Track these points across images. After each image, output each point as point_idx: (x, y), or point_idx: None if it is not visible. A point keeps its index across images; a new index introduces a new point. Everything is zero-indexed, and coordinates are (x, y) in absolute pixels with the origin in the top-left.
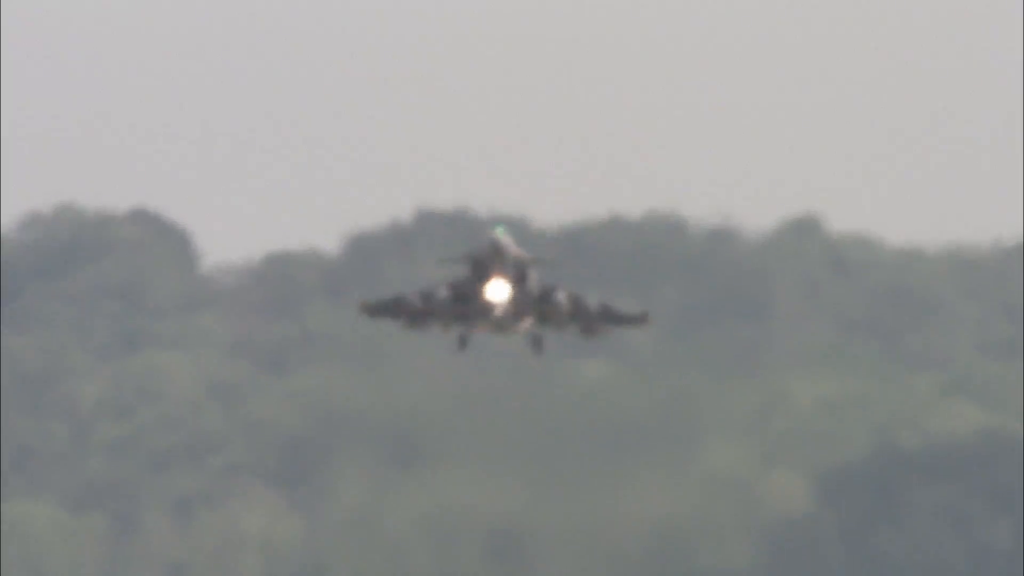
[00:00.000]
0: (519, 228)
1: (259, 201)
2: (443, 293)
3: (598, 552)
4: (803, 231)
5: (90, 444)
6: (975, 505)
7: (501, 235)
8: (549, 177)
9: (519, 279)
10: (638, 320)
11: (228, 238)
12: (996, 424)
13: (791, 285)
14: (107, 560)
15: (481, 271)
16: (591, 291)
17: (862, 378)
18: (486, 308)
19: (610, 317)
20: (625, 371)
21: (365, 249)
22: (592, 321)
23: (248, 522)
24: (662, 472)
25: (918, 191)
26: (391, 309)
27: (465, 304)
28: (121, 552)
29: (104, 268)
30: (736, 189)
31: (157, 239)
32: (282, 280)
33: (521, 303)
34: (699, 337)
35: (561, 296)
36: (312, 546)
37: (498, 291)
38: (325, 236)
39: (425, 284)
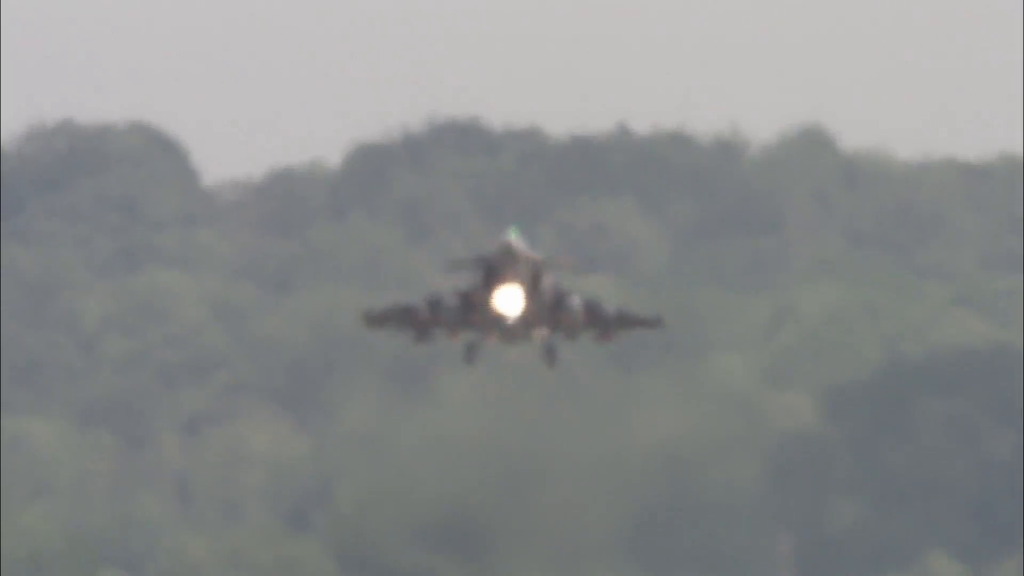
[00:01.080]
0: (529, 139)
1: (262, 114)
2: (452, 301)
3: (606, 469)
4: (811, 144)
5: (95, 360)
6: (981, 417)
7: (514, 237)
8: (559, 89)
9: (532, 284)
10: (652, 323)
11: (230, 150)
12: (1002, 337)
13: (800, 198)
14: (113, 476)
15: (492, 277)
16: (601, 203)
17: (871, 290)
18: (497, 318)
19: (625, 321)
20: (632, 285)
21: (370, 161)
22: (608, 327)
23: (253, 440)
24: (670, 388)
25: (927, 105)
26: (395, 319)
27: (475, 313)
28: (127, 468)
29: (105, 182)
30: (744, 102)
31: (157, 153)
32: (285, 197)
33: (534, 311)
34: (707, 250)
35: (576, 302)
36: (317, 464)
37: (510, 299)
38: (330, 148)
39: (431, 292)
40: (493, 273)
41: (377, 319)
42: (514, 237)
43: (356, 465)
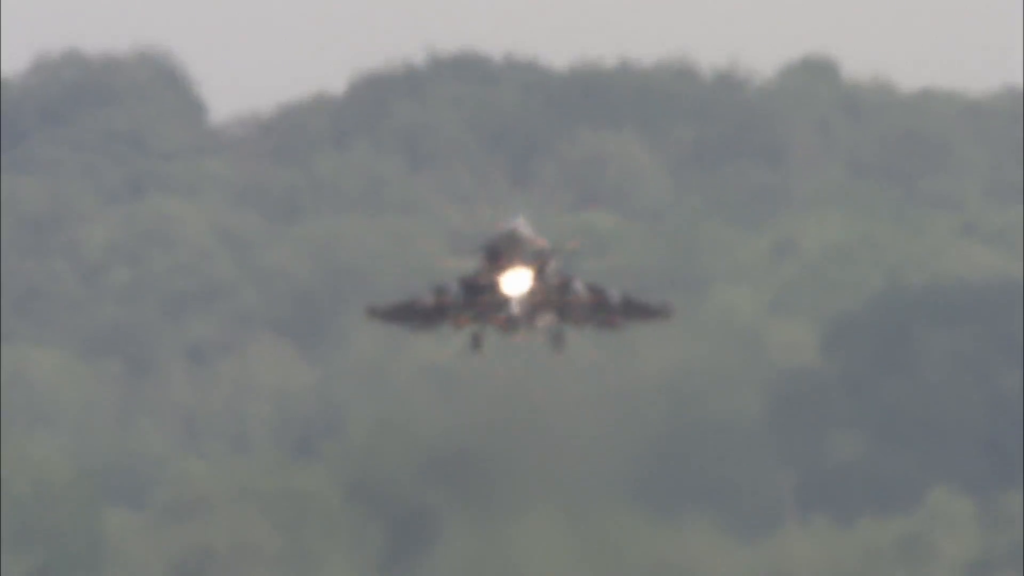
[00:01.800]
0: (531, 71)
1: (266, 45)
2: (456, 287)
3: (609, 402)
4: (815, 74)
5: (99, 289)
6: (985, 350)
7: (519, 221)
8: (560, 21)
9: (538, 269)
10: (661, 312)
11: (235, 81)
12: (1006, 268)
13: (802, 128)
14: (118, 406)
15: (497, 261)
16: (601, 136)
17: (873, 221)
18: (503, 301)
19: (631, 309)
20: (633, 218)
21: (372, 92)
22: (613, 314)
23: (259, 370)
24: (672, 321)
25: (930, 35)
26: (401, 313)
27: (481, 297)
28: (132, 398)
29: (110, 113)
30: (747, 32)
31: (163, 85)
32: (289, 128)
33: (540, 295)
34: (709, 182)
35: (580, 287)
36: (323, 394)
37: (516, 281)
38: (334, 80)
39: (437, 281)
40: (498, 257)
41: (382, 313)
42: (519, 221)
43: (362, 395)
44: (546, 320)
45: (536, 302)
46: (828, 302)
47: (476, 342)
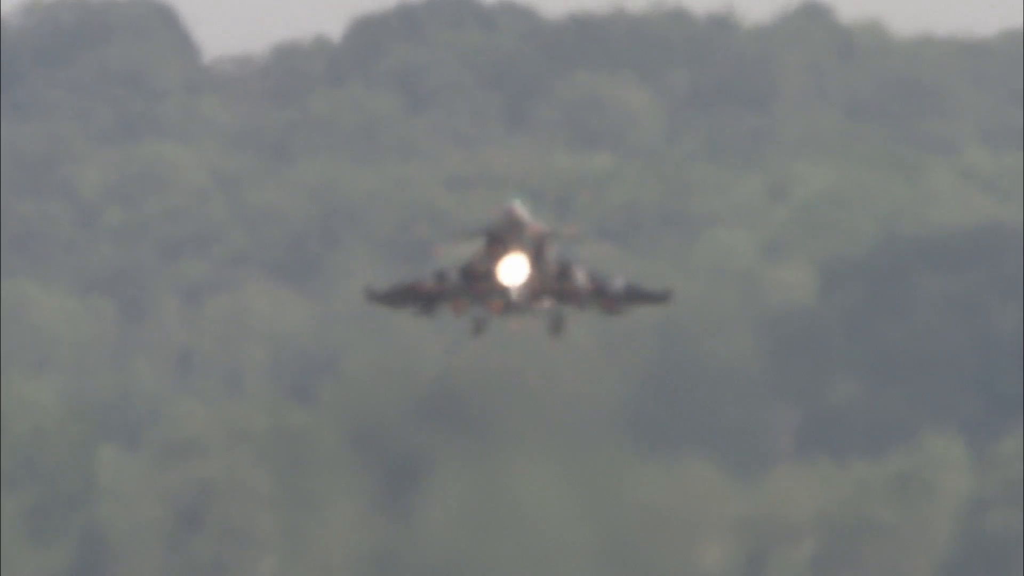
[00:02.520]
0: (525, 17)
1: None
2: (455, 273)
3: (603, 341)
4: (810, 17)
5: (94, 230)
6: (982, 292)
7: (518, 206)
8: None
9: (536, 254)
10: (661, 298)
11: (232, 23)
12: (1002, 212)
13: (798, 72)
14: (114, 345)
15: (496, 248)
16: (598, 79)
17: (868, 165)
18: (502, 289)
19: (631, 296)
20: (628, 160)
21: (368, 33)
22: (614, 301)
23: (254, 310)
24: (667, 262)
25: None
26: (400, 296)
27: (479, 284)
28: (128, 337)
29: (106, 54)
30: None
31: (159, 26)
32: (285, 69)
33: (538, 282)
34: (704, 125)
35: (580, 274)
36: (318, 335)
37: (514, 268)
38: (331, 21)
39: (439, 266)
40: (496, 242)
41: (381, 296)
42: (517, 205)
43: (357, 336)
44: (544, 306)
45: (535, 289)
46: (824, 245)
47: (477, 328)
